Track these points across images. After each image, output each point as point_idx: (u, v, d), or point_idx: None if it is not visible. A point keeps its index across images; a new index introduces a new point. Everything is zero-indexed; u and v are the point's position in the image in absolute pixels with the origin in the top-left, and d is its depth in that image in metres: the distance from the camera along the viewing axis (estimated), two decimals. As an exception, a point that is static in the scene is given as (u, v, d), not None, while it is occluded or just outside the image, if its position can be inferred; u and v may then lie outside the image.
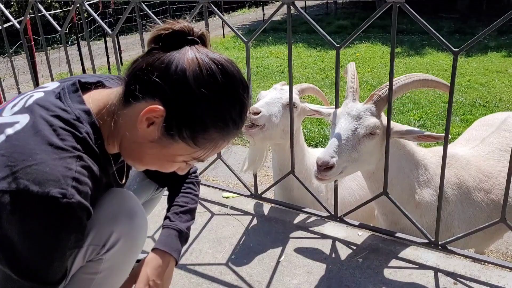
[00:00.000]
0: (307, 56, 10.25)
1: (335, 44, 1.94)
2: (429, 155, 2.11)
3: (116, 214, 1.26)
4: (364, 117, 1.80)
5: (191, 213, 1.53)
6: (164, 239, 1.42)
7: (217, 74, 1.05)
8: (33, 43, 5.03)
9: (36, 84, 4.67)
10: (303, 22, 15.16)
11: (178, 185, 1.58)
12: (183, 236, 1.46)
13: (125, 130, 1.12)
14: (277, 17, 17.85)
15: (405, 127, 1.87)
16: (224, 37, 13.20)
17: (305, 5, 19.11)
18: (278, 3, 2.01)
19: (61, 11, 11.46)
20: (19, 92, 3.47)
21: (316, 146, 5.26)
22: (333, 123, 1.88)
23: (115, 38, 2.54)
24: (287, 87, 2.31)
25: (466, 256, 1.96)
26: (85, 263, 1.23)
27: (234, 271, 1.98)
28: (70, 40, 7.24)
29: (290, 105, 2.12)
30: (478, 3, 14.59)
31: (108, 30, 2.57)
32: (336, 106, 1.97)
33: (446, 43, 1.69)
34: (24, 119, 1.06)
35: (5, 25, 3.14)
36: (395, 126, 1.88)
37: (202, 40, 1.12)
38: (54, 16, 11.24)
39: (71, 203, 0.99)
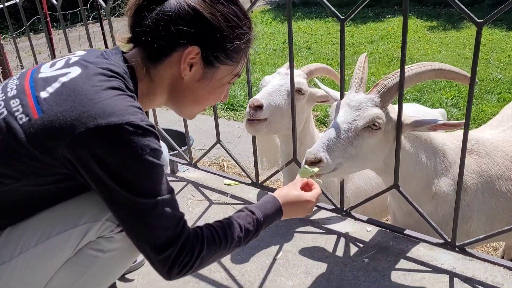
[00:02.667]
0: (336, 31, 9.81)
1: (340, 16, 1.69)
2: (449, 139, 1.86)
3: None
4: (364, 107, 1.56)
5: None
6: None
7: None
8: (49, 18, 4.93)
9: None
10: (335, -5, 14.60)
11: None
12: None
13: (166, 84, 1.24)
14: (308, -9, 17.25)
15: (413, 118, 1.62)
16: (252, 12, 12.86)
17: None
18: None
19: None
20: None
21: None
22: (332, 116, 1.66)
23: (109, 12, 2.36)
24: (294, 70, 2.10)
25: (487, 260, 1.71)
26: (96, 239, 1.22)
27: (225, 269, 1.81)
28: (92, 16, 7.12)
29: (292, 92, 1.89)
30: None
31: (103, 3, 2.39)
32: (341, 93, 1.73)
33: (469, 13, 1.42)
34: (76, 70, 1.11)
35: (6, 4, 3.02)
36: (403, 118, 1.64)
37: None
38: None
39: (149, 124, 1.08)
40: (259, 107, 1.85)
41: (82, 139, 1.02)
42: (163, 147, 1.65)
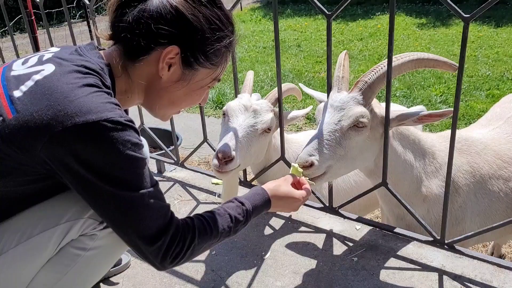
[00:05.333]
0: (326, 29, 9.82)
1: (326, 12, 1.67)
2: (438, 141, 1.83)
3: None
4: (348, 107, 1.54)
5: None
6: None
7: None
8: (34, 17, 4.85)
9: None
10: (324, -7, 14.59)
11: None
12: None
13: (143, 82, 1.22)
14: (298, -12, 17.20)
15: (397, 112, 1.60)
16: (241, 10, 12.83)
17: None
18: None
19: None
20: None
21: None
22: (318, 118, 1.63)
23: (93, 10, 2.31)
24: (261, 101, 1.89)
25: (476, 258, 1.70)
26: (78, 237, 1.21)
27: (212, 270, 1.78)
28: (78, 14, 7.03)
29: (279, 96, 1.87)
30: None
31: (86, 1, 2.34)
32: (328, 91, 1.70)
33: (456, 9, 1.40)
34: (50, 67, 1.08)
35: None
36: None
37: None
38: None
39: (128, 119, 1.06)
40: (229, 160, 1.66)
41: (60, 138, 0.99)
42: (143, 142, 1.62)
